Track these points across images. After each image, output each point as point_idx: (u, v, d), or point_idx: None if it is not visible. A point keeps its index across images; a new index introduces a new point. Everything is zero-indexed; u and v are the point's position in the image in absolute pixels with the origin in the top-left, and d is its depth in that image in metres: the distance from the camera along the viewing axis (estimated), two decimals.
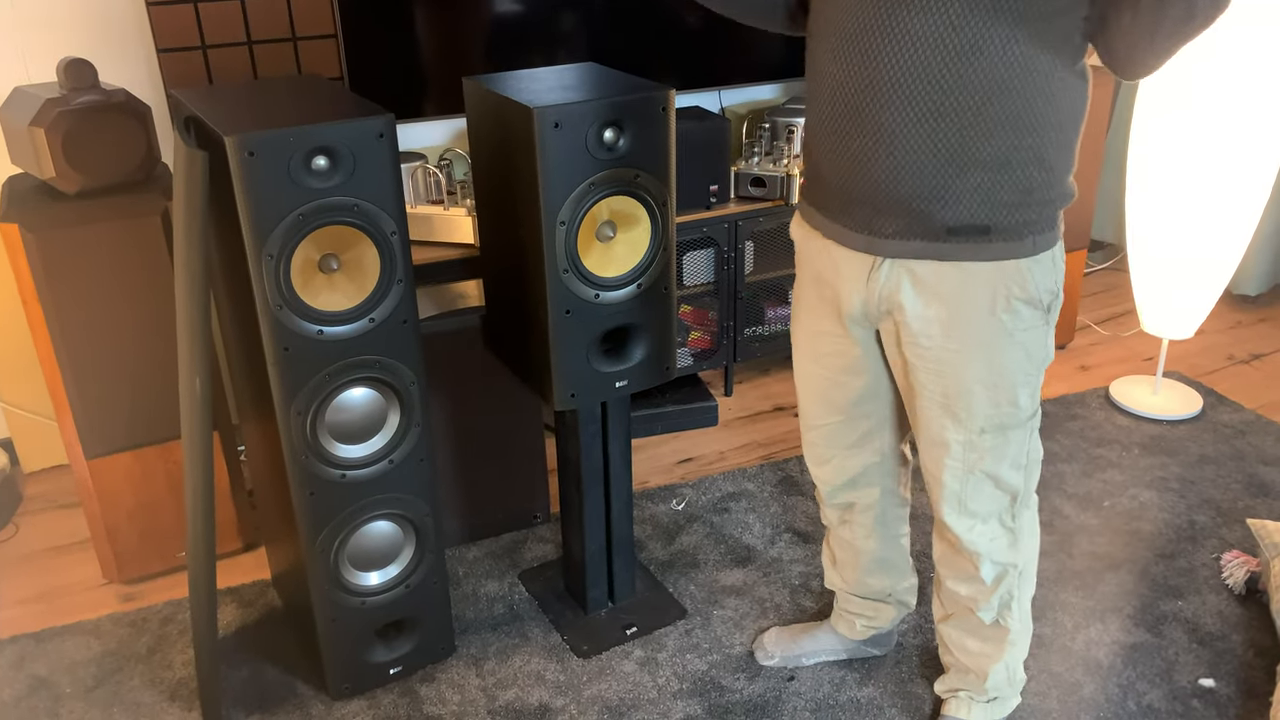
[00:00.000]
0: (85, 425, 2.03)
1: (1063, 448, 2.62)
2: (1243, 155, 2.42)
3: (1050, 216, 1.38)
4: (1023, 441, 1.49)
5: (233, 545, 2.28)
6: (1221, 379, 2.97)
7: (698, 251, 2.68)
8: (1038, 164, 1.32)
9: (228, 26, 2.35)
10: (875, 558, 1.79)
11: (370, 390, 1.67)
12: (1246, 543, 2.23)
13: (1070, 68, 1.28)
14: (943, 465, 1.50)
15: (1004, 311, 1.39)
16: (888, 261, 1.41)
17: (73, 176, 1.89)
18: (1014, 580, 1.60)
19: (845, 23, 1.30)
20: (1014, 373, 1.43)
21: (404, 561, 1.82)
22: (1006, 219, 1.34)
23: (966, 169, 1.30)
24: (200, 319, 1.56)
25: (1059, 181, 1.36)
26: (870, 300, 1.45)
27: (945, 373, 1.43)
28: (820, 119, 1.39)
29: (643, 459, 2.66)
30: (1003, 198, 1.32)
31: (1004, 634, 1.65)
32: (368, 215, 1.55)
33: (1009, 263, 1.37)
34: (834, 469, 1.71)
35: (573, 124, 1.57)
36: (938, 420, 1.47)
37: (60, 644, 2.03)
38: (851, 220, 1.41)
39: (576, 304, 1.70)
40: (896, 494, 1.75)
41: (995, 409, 1.45)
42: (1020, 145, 1.29)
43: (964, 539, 1.55)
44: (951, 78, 1.25)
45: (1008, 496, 1.53)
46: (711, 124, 2.57)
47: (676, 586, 2.16)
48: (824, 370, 1.61)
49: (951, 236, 1.34)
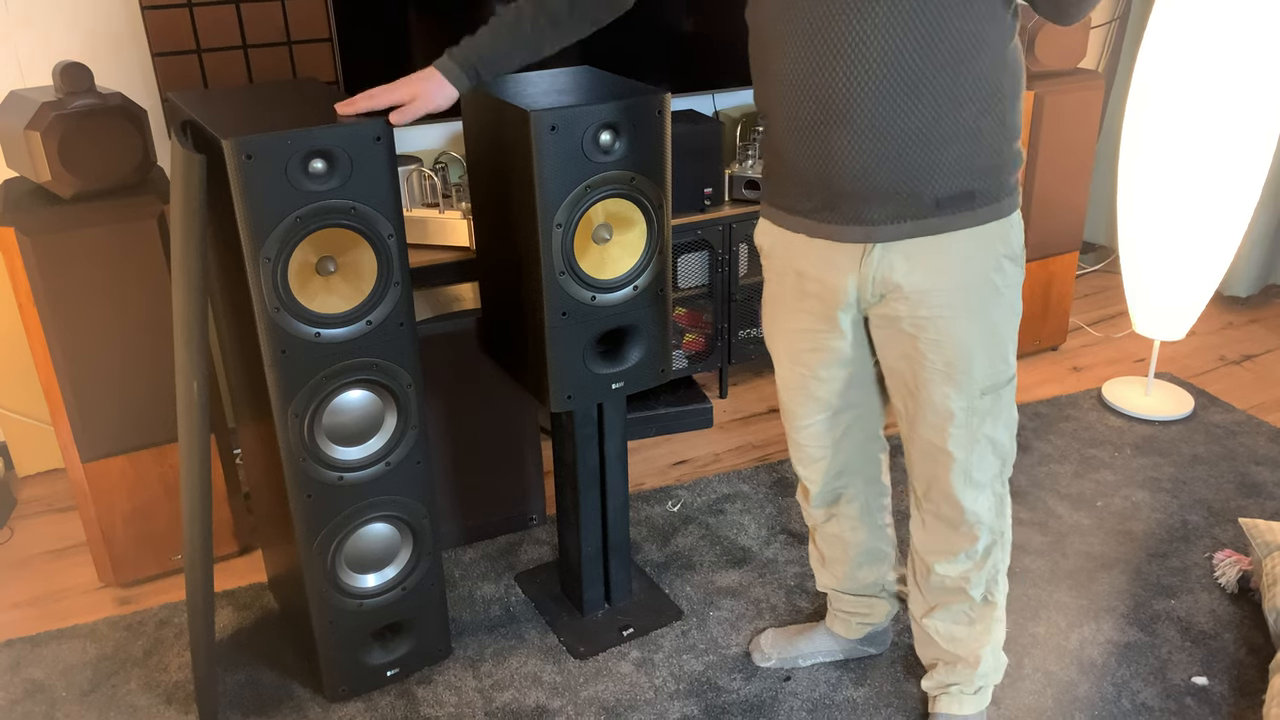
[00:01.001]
0: (81, 429, 2.03)
1: (1056, 448, 2.64)
2: (1232, 158, 2.44)
3: (1014, 179, 1.48)
4: (1010, 401, 1.57)
5: (229, 548, 2.28)
6: (1213, 380, 2.99)
7: (692, 254, 2.69)
8: (1001, 129, 1.41)
9: (223, 30, 2.36)
10: (864, 549, 1.82)
11: (367, 392, 1.67)
12: (1238, 542, 2.24)
13: (1012, 39, 1.39)
14: (948, 435, 1.54)
15: (994, 271, 1.47)
16: (879, 246, 1.45)
17: (68, 180, 1.90)
18: (999, 551, 1.65)
19: (805, 26, 1.34)
20: (1005, 329, 1.51)
21: (401, 564, 1.83)
22: (985, 183, 1.42)
23: (945, 143, 1.37)
24: (197, 322, 1.56)
25: (1014, 141, 1.45)
26: (864, 285, 1.49)
27: (945, 341, 1.48)
28: (792, 121, 1.41)
29: (638, 461, 2.66)
30: (979, 164, 1.40)
31: (992, 609, 1.69)
32: (365, 218, 1.55)
33: (994, 224, 1.45)
34: (824, 466, 1.73)
35: (569, 127, 1.58)
36: (940, 390, 1.51)
37: (56, 648, 2.03)
38: (837, 214, 1.45)
39: (573, 306, 1.70)
40: (879, 482, 1.79)
41: (991, 368, 1.51)
42: (987, 112, 1.38)
43: (969, 509, 1.59)
44: (921, 60, 1.31)
45: (1000, 461, 1.59)
46: (705, 127, 2.58)
47: (672, 588, 2.17)
48: (805, 369, 1.64)
49: (940, 210, 1.41)
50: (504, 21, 1.60)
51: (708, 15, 1.59)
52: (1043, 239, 2.97)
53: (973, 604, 1.68)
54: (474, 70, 1.60)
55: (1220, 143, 2.43)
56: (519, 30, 1.59)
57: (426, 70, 1.60)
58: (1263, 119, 2.42)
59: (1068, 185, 2.94)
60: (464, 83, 1.60)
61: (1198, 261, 2.59)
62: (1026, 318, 3.06)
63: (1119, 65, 3.54)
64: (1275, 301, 3.50)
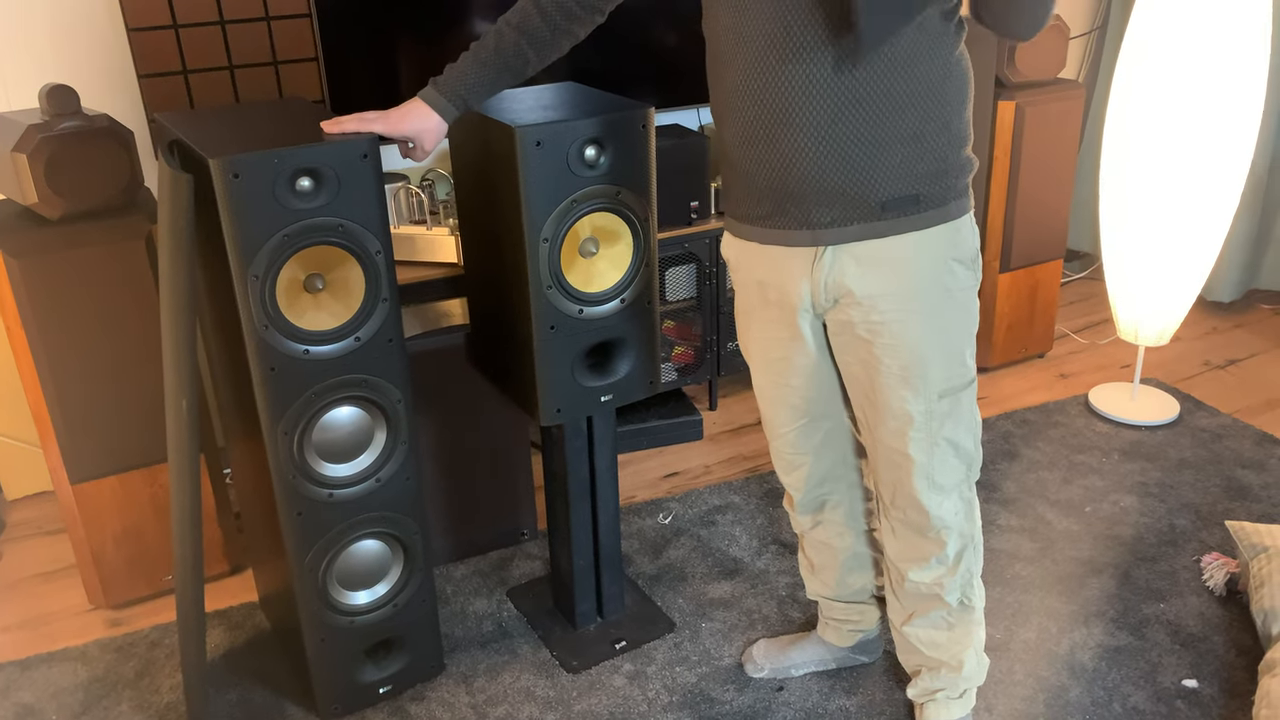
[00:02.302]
0: (70, 450, 2.02)
1: (1044, 455, 2.65)
2: (1211, 164, 2.47)
3: (964, 183, 1.50)
4: (970, 404, 1.58)
5: (220, 568, 2.27)
6: (1198, 385, 3.01)
7: (680, 267, 2.71)
8: (945, 134, 1.44)
9: (209, 51, 2.37)
10: (852, 554, 1.83)
11: (357, 409, 1.68)
12: (1226, 545, 2.26)
13: (957, 48, 1.43)
14: (908, 439, 1.55)
15: (945, 273, 1.49)
16: (829, 249, 1.48)
17: (55, 202, 1.90)
18: (971, 555, 1.66)
19: (754, 36, 1.39)
20: (960, 332, 1.53)
21: (392, 580, 1.83)
22: (930, 187, 1.45)
23: (888, 146, 1.40)
24: (186, 341, 1.57)
25: (962, 147, 1.48)
26: (817, 290, 1.51)
27: (899, 345, 1.50)
28: (745, 128, 1.45)
29: (629, 474, 2.67)
30: (923, 168, 1.43)
31: (970, 613, 1.70)
32: (352, 235, 1.56)
33: (940, 227, 1.48)
34: (806, 473, 1.75)
35: (554, 143, 1.60)
36: (897, 394, 1.53)
37: (47, 671, 2.02)
38: (788, 219, 1.48)
39: (560, 319, 1.71)
40: (861, 487, 1.80)
41: (948, 370, 1.53)
42: (929, 118, 1.41)
43: (934, 514, 1.60)
44: (862, 67, 1.36)
45: (964, 465, 1.60)
46: (691, 141, 2.60)
47: (665, 600, 2.17)
48: (779, 377, 1.66)
49: (886, 212, 1.44)
50: (485, 47, 1.61)
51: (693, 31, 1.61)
52: (1027, 247, 3.00)
53: (950, 609, 1.68)
54: (461, 100, 1.61)
55: (1199, 149, 2.46)
56: (501, 55, 1.61)
57: (414, 103, 1.61)
58: (1240, 125, 2.45)
59: (1051, 194, 2.97)
60: (451, 113, 1.62)
61: (1180, 267, 2.61)
62: (1014, 325, 3.09)
63: (1099, 74, 3.58)
64: (1258, 306, 3.53)
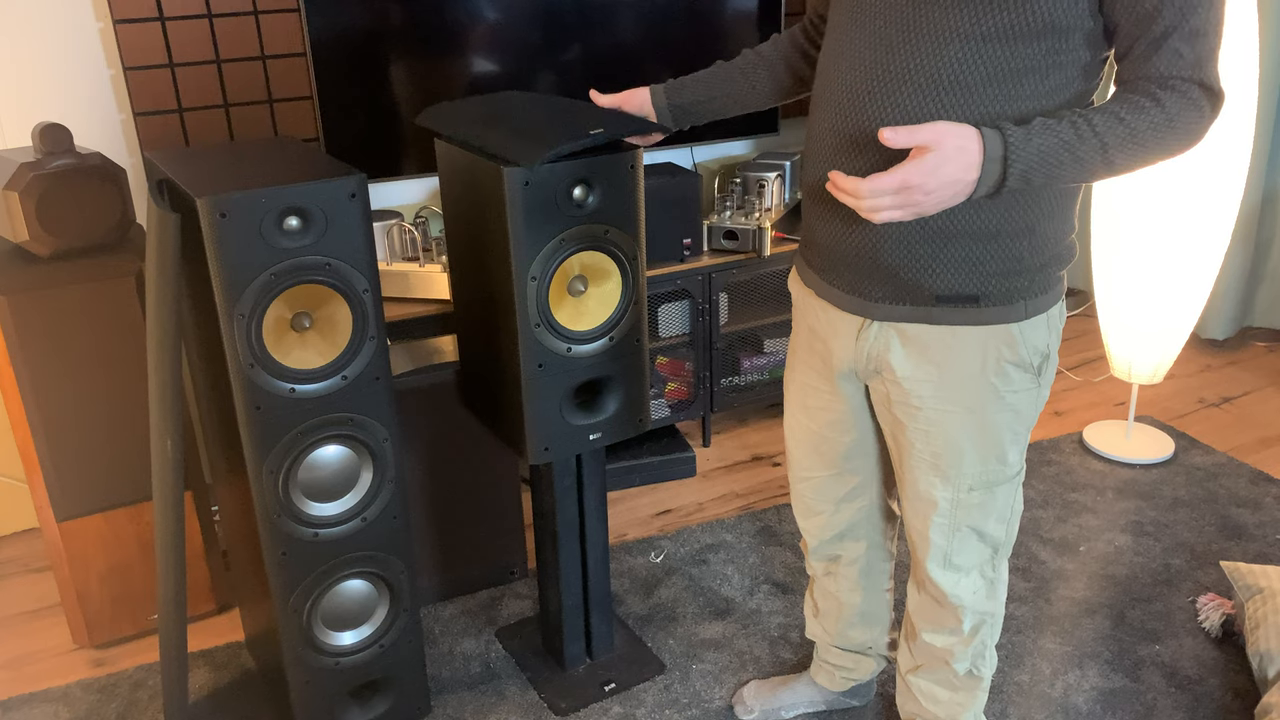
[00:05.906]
0: (56, 487, 2.01)
1: (1038, 493, 2.64)
2: (1202, 202, 2.48)
3: (1044, 281, 1.36)
4: (1008, 496, 1.49)
5: (207, 606, 2.25)
6: (1193, 422, 3.00)
7: (673, 303, 2.71)
8: (1028, 235, 1.31)
9: (204, 89, 2.38)
10: (858, 611, 1.79)
11: (343, 448, 1.67)
12: (1221, 585, 2.24)
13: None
14: (930, 522, 1.49)
15: (994, 374, 1.38)
16: (876, 323, 1.41)
17: (46, 240, 1.90)
18: (988, 630, 1.61)
19: (840, 93, 1.32)
20: (1003, 432, 1.42)
21: (378, 620, 1.81)
22: (996, 287, 1.33)
23: (952, 240, 1.30)
24: (172, 379, 1.56)
25: (1053, 247, 1.35)
26: (859, 359, 1.46)
27: (934, 433, 1.43)
28: (813, 183, 1.40)
29: (621, 511, 2.65)
30: (991, 268, 1.31)
31: (976, 683, 1.65)
32: (340, 274, 1.56)
33: (998, 327, 1.35)
34: (823, 522, 1.70)
35: (542, 182, 1.60)
36: (925, 479, 1.47)
37: (29, 712, 1.99)
38: (841, 281, 1.42)
39: (549, 357, 1.71)
40: (883, 548, 1.74)
41: (984, 467, 1.44)
42: (1009, 218, 1.29)
43: (950, 593, 1.54)
44: None
45: (990, 549, 1.53)
46: (684, 179, 2.61)
47: (655, 640, 2.15)
48: (813, 424, 1.61)
49: (940, 304, 1.35)
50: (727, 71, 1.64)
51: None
52: None
53: (956, 675, 1.64)
54: (673, 89, 1.65)
55: (1190, 186, 2.47)
56: (725, 66, 1.63)
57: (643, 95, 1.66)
58: (1230, 161, 2.46)
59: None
60: (659, 94, 1.65)
61: (1173, 304, 2.62)
62: None
63: None
64: (1252, 343, 3.53)
